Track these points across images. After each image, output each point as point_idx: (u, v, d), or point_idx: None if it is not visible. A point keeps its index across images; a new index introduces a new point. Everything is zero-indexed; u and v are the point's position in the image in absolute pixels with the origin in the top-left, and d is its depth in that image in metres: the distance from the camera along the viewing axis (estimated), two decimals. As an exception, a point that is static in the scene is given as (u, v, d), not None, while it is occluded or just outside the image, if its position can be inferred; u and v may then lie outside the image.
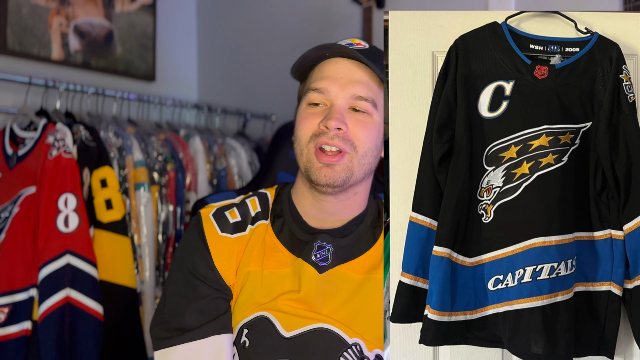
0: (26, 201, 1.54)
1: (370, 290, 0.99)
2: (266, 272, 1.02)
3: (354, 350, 0.94)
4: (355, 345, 0.94)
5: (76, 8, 2.16)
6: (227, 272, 1.02)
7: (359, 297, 0.98)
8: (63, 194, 1.54)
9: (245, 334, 0.98)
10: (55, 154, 1.56)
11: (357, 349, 0.94)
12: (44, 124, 1.64)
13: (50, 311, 1.46)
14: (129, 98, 2.03)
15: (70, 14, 2.14)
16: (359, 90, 1.01)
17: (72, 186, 1.56)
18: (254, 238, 1.06)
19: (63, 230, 1.52)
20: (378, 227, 1.08)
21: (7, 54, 1.96)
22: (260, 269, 1.02)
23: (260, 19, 2.44)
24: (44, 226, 1.50)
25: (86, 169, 1.64)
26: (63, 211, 1.53)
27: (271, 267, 1.02)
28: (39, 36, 2.05)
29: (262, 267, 1.02)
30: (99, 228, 1.62)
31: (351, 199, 1.06)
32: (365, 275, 1.01)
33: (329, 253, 1.00)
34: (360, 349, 0.94)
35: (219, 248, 1.03)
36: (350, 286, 0.99)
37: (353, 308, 0.98)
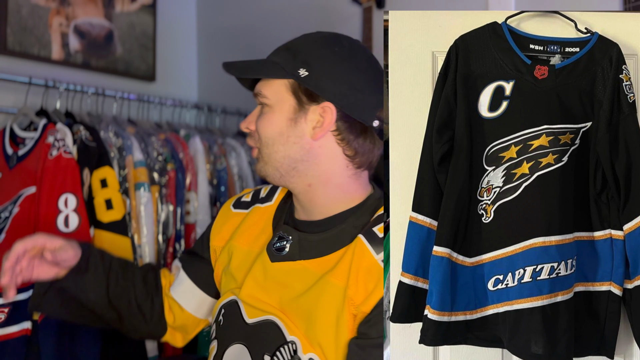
0: (26, 201, 1.54)
1: (320, 291, 0.94)
2: (245, 249, 1.07)
3: (288, 348, 0.92)
4: (291, 343, 0.93)
5: (76, 8, 2.16)
6: (216, 235, 1.15)
7: (311, 295, 0.95)
8: (63, 194, 1.54)
9: (222, 314, 1.04)
10: (55, 154, 1.57)
11: (292, 347, 0.92)
12: (44, 124, 1.65)
13: None
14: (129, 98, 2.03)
15: (70, 14, 2.14)
16: (257, 87, 1.01)
17: (72, 186, 1.56)
18: (250, 217, 1.10)
19: (63, 230, 1.52)
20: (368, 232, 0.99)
21: (7, 54, 1.96)
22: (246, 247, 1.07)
23: (260, 19, 2.44)
24: (44, 226, 1.51)
25: (86, 169, 1.64)
26: (63, 211, 1.53)
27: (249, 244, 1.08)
28: (39, 36, 2.05)
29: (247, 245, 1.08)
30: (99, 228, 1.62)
31: (310, 192, 1.00)
32: (323, 274, 0.96)
33: (287, 244, 0.99)
34: (295, 348, 0.92)
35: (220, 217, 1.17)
36: (308, 282, 0.96)
37: (303, 305, 0.95)
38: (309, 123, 0.97)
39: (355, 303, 0.92)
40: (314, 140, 0.96)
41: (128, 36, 2.33)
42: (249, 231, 1.09)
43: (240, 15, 2.52)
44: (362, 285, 0.93)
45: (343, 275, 0.93)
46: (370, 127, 0.98)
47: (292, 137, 0.97)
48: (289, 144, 0.97)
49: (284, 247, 1.00)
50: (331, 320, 0.92)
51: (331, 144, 0.98)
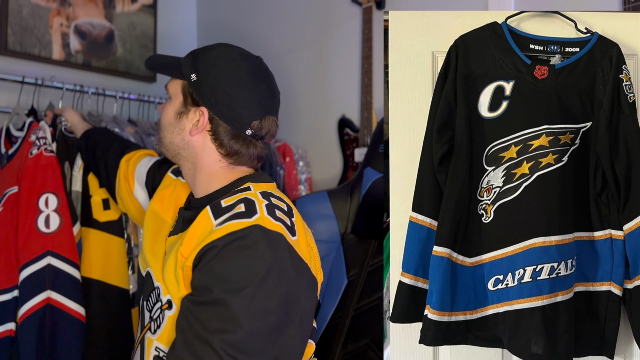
0: (9, 200, 1.51)
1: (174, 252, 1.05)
2: (159, 213, 1.22)
3: (155, 293, 1.07)
4: (157, 288, 1.07)
5: (77, 8, 2.16)
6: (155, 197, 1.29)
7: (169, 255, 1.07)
8: (44, 193, 1.49)
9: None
10: (35, 152, 1.52)
11: (157, 292, 1.07)
12: (29, 122, 1.62)
13: (30, 313, 1.43)
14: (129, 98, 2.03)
15: (70, 14, 2.14)
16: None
17: (53, 185, 1.52)
18: (174, 185, 1.26)
19: (44, 230, 1.48)
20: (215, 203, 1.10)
21: (7, 55, 1.96)
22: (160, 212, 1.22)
23: (260, 19, 2.44)
24: (23, 227, 1.46)
25: (67, 163, 1.61)
26: (44, 211, 1.49)
27: (162, 209, 1.22)
28: (40, 36, 2.05)
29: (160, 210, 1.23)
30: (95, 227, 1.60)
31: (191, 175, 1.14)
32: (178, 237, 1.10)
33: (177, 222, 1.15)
34: (159, 292, 1.06)
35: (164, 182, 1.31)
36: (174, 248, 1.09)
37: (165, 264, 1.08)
38: (190, 121, 1.10)
39: (184, 255, 1.01)
40: (191, 135, 1.10)
41: (128, 36, 2.33)
42: (164, 198, 1.25)
43: (240, 15, 2.53)
44: (194, 243, 1.01)
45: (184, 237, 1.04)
46: (243, 134, 1.09)
47: (176, 129, 1.12)
48: (174, 133, 1.12)
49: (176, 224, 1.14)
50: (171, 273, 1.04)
51: (206, 140, 1.10)
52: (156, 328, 1.05)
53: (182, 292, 1.01)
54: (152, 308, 1.07)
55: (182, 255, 1.01)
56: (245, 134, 1.08)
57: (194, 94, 1.09)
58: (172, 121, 1.13)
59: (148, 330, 1.08)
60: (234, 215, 0.98)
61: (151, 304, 1.08)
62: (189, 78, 1.09)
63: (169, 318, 1.02)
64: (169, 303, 1.03)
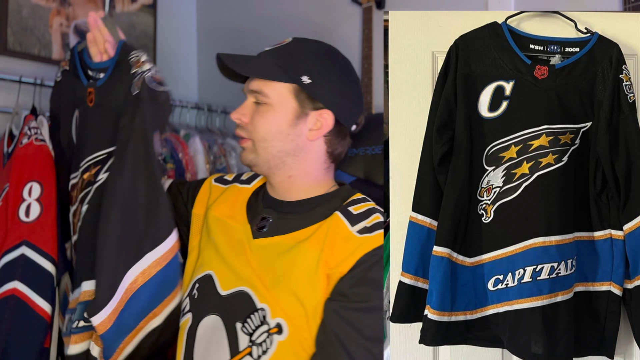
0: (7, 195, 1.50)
1: (295, 254, 1.01)
2: (223, 220, 1.15)
3: (258, 315, 1.00)
4: (261, 310, 1.00)
5: (77, 8, 2.16)
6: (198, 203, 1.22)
7: (285, 258, 1.02)
8: (29, 182, 1.43)
9: (196, 288, 1.11)
10: (25, 141, 1.48)
11: (262, 314, 1.00)
12: (24, 115, 1.59)
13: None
14: (129, 98, 2.03)
15: (70, 14, 2.14)
16: (252, 85, 1.10)
17: (39, 174, 1.45)
18: (229, 192, 1.20)
19: (23, 219, 1.41)
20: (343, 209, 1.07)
21: (7, 55, 1.96)
22: (224, 219, 1.15)
23: (260, 19, 2.44)
24: (6, 215, 1.41)
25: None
26: (26, 200, 1.42)
27: (225, 215, 1.15)
28: (40, 36, 2.05)
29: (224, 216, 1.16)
30: None
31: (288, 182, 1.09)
32: (297, 243, 1.04)
33: (267, 223, 1.08)
34: (264, 314, 1.00)
35: (203, 189, 1.24)
36: (279, 251, 1.04)
37: (273, 272, 1.03)
38: (308, 125, 1.06)
39: (330, 265, 0.98)
40: (310, 140, 1.06)
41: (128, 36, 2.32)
42: (226, 204, 1.18)
43: (241, 15, 2.52)
44: (339, 251, 0.99)
45: (319, 241, 1.00)
46: (348, 130, 1.09)
47: (291, 136, 1.06)
48: (287, 141, 1.06)
49: (265, 225, 1.08)
50: (304, 280, 0.99)
51: (320, 143, 1.08)
52: (261, 354, 0.98)
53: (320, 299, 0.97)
54: (253, 331, 1.00)
55: (328, 263, 0.98)
56: (351, 130, 1.09)
57: (313, 97, 1.04)
58: (285, 129, 1.05)
59: (248, 356, 0.99)
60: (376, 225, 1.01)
61: (252, 326, 1.01)
62: (299, 81, 1.04)
63: (279, 344, 0.97)
64: (278, 327, 0.98)
